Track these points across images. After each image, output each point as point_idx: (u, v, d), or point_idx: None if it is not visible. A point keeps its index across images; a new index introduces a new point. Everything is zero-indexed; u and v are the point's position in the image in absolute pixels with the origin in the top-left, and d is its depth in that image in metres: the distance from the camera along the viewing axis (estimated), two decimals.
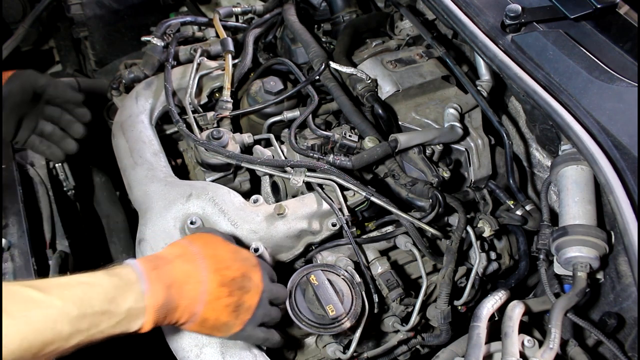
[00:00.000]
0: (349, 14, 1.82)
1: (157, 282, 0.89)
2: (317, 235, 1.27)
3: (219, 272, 0.97)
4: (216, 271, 0.97)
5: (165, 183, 1.30)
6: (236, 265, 1.00)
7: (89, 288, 0.82)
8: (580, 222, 1.21)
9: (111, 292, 0.83)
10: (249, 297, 1.00)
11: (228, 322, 0.98)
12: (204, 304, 0.94)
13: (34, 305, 0.75)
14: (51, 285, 0.79)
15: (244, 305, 0.99)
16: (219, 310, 0.95)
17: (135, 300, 0.86)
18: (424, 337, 1.37)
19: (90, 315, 0.79)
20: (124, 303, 0.84)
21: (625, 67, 1.28)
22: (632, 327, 1.22)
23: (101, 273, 0.86)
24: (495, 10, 1.42)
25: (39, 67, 2.43)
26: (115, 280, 0.85)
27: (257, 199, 1.27)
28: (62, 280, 0.82)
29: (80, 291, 0.80)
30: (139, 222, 1.26)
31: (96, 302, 0.81)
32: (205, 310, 0.94)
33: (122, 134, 1.45)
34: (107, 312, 0.82)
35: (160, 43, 1.64)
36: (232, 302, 0.97)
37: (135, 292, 0.86)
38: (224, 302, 0.96)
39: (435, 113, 1.52)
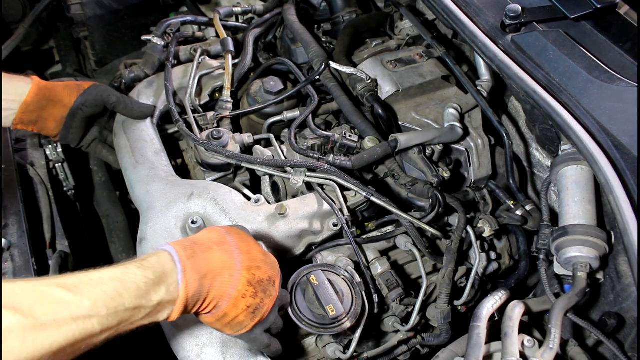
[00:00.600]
0: (349, 14, 1.82)
1: (193, 272, 0.88)
2: (318, 235, 1.27)
3: (250, 270, 0.96)
4: (248, 269, 0.96)
5: (167, 182, 1.30)
6: (265, 268, 0.99)
7: (120, 285, 0.79)
8: (580, 222, 1.21)
9: (143, 288, 0.81)
10: (269, 301, 0.99)
11: (243, 322, 0.97)
12: (229, 299, 0.93)
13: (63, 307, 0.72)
14: (82, 283, 0.77)
15: (262, 308, 0.98)
16: (240, 308, 0.95)
17: (167, 292, 0.84)
18: (424, 337, 1.37)
19: (121, 312, 0.78)
20: (157, 296, 0.83)
21: (625, 67, 1.28)
22: (632, 327, 1.22)
23: (134, 266, 0.84)
24: (495, 10, 1.42)
25: (39, 67, 2.43)
26: (148, 273, 0.83)
27: (258, 198, 1.27)
28: (94, 277, 0.79)
29: (112, 289, 0.78)
30: (140, 221, 1.26)
31: (128, 299, 0.79)
32: (229, 306, 0.93)
33: (123, 133, 1.45)
34: (138, 306, 0.80)
35: (160, 42, 1.65)
36: (254, 304, 0.96)
37: (168, 283, 0.85)
38: (247, 301, 0.95)
39: (435, 113, 1.52)
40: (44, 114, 1.30)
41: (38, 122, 1.31)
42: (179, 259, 0.88)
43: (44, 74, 2.47)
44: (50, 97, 1.30)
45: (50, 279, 0.75)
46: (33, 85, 1.27)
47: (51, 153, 1.69)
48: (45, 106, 1.30)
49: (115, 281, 0.79)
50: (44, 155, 1.66)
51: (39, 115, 1.30)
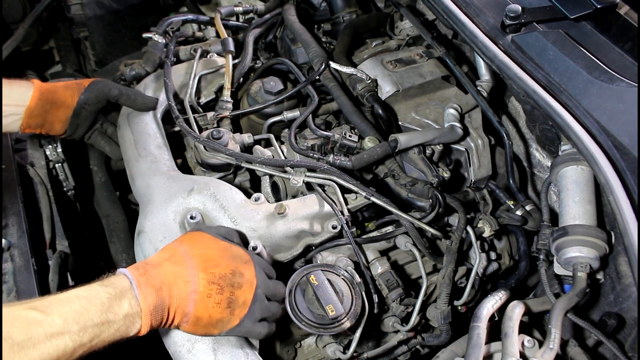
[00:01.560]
0: (349, 14, 1.82)
1: (147, 286, 0.93)
2: (316, 236, 1.27)
3: (206, 270, 0.99)
4: (204, 269, 0.98)
5: (168, 176, 1.31)
6: (225, 262, 1.01)
7: (86, 302, 0.85)
8: (580, 222, 1.21)
9: (107, 303, 0.87)
10: (242, 292, 1.00)
11: (223, 319, 0.99)
12: (195, 303, 0.96)
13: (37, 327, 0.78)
14: (51, 303, 0.83)
15: (238, 301, 1.00)
16: (211, 307, 0.97)
17: (130, 305, 0.90)
18: (424, 337, 1.37)
19: (90, 327, 0.84)
20: (120, 310, 0.88)
21: (625, 67, 1.28)
22: (632, 327, 1.22)
23: (97, 285, 0.90)
24: (495, 10, 1.42)
25: (39, 67, 2.43)
26: (110, 290, 0.89)
27: (258, 197, 1.27)
28: (61, 297, 0.85)
29: (79, 306, 0.84)
30: (139, 214, 1.26)
31: (95, 314, 0.85)
32: (197, 309, 0.96)
33: (127, 126, 1.46)
34: (106, 321, 0.86)
35: (161, 40, 1.65)
36: (224, 299, 0.98)
37: (129, 297, 0.90)
38: (215, 299, 0.97)
39: (435, 113, 1.52)
40: (49, 117, 1.34)
41: (45, 125, 1.35)
42: (132, 276, 0.93)
43: (44, 74, 2.47)
44: (52, 99, 1.33)
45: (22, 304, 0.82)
46: (35, 89, 1.31)
47: (51, 153, 1.69)
48: (49, 109, 1.33)
49: (81, 299, 0.86)
50: (44, 155, 1.67)
51: (44, 118, 1.33)
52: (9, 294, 1.20)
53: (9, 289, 1.21)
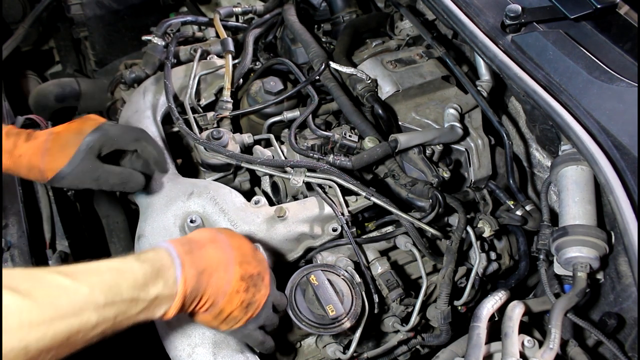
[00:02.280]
0: (349, 14, 1.82)
1: (191, 267, 0.88)
2: (317, 239, 1.27)
3: (242, 265, 0.97)
4: (240, 264, 0.97)
5: (168, 180, 1.30)
6: (255, 263, 1.00)
7: (118, 275, 0.79)
8: (580, 222, 1.21)
9: (141, 279, 0.81)
10: (260, 296, 1.00)
11: (237, 317, 0.98)
12: (225, 295, 0.93)
13: (60, 292, 0.72)
14: (80, 271, 0.76)
15: (254, 303, 0.99)
16: (235, 303, 0.95)
17: (165, 285, 0.84)
18: (424, 337, 1.37)
19: (118, 303, 0.77)
20: (154, 289, 0.82)
21: (625, 67, 1.28)
22: (632, 327, 1.22)
23: (132, 258, 0.84)
24: (495, 10, 1.42)
25: (39, 67, 2.43)
26: (146, 266, 0.83)
27: (258, 200, 1.27)
28: (92, 266, 0.79)
29: (109, 278, 0.77)
30: (140, 218, 1.26)
31: (125, 289, 0.78)
32: (225, 302, 0.94)
33: None
34: (135, 299, 0.79)
35: (161, 42, 1.65)
36: (247, 299, 0.97)
37: (166, 277, 0.84)
38: (241, 296, 0.96)
39: (435, 113, 1.52)
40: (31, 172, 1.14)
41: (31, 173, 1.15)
42: (176, 253, 0.88)
43: (44, 74, 2.47)
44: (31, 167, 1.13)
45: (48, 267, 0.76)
46: None
47: None
48: None
49: (113, 271, 0.79)
50: None
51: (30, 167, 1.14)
52: None
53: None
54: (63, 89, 2.06)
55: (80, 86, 2.08)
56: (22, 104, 2.06)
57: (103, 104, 1.84)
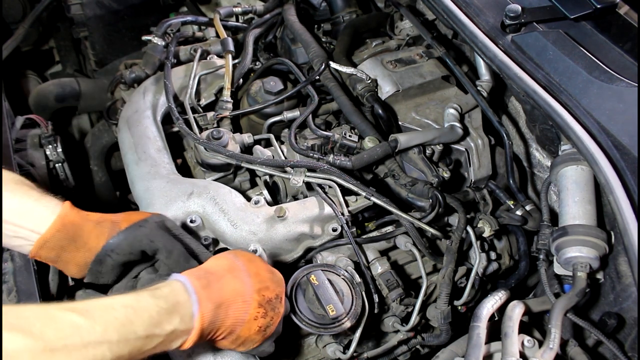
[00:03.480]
0: (349, 14, 1.82)
1: (208, 302, 0.87)
2: (317, 239, 1.27)
3: (260, 292, 0.96)
4: (258, 291, 0.96)
5: (168, 180, 1.30)
6: (273, 286, 1.00)
7: (133, 313, 0.77)
8: (580, 222, 1.21)
9: (156, 317, 0.79)
10: (277, 318, 1.00)
11: (254, 339, 0.98)
12: (243, 324, 0.93)
13: (74, 331, 0.70)
14: (93, 308, 0.75)
15: (272, 326, 0.99)
16: (253, 329, 0.95)
17: (181, 321, 0.83)
18: (424, 337, 1.37)
19: (132, 340, 0.76)
20: (169, 325, 0.81)
21: (625, 67, 1.28)
22: (632, 327, 1.22)
23: (147, 294, 0.82)
24: (495, 10, 1.42)
25: (39, 67, 2.43)
26: (161, 303, 0.81)
27: (258, 200, 1.27)
28: (105, 303, 0.77)
29: (124, 316, 0.76)
30: None
31: (140, 327, 0.77)
32: (243, 330, 0.94)
33: (127, 129, 1.45)
34: (150, 335, 0.78)
35: (161, 42, 1.65)
36: (265, 323, 0.97)
37: (182, 313, 0.83)
38: (259, 322, 0.95)
39: (435, 113, 1.52)
40: (65, 255, 1.01)
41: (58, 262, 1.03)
42: (193, 289, 0.87)
43: (44, 74, 2.47)
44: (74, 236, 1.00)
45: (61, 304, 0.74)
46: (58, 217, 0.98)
47: (51, 153, 1.69)
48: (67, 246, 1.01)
49: (127, 308, 0.78)
50: (44, 155, 1.66)
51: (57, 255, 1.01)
52: (9, 293, 1.20)
53: (9, 289, 1.21)
54: (63, 89, 2.06)
55: (80, 86, 2.08)
56: (22, 104, 2.06)
57: (103, 104, 1.84)
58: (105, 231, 1.02)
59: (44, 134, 1.67)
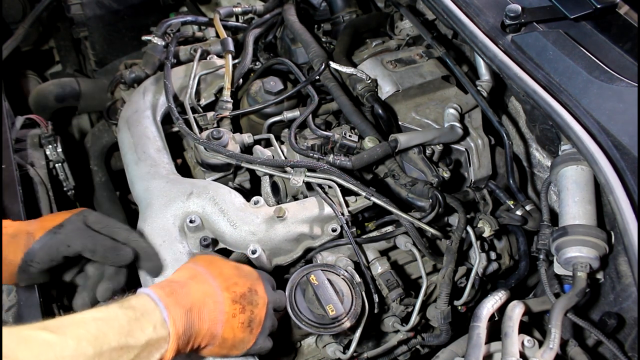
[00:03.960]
0: (349, 14, 1.82)
1: (177, 307, 0.87)
2: (316, 239, 1.27)
3: (229, 289, 0.97)
4: (227, 289, 0.96)
5: (167, 180, 1.30)
6: (242, 281, 1.00)
7: (103, 324, 0.78)
8: (580, 222, 1.21)
9: (126, 326, 0.80)
10: (259, 310, 1.00)
11: (244, 339, 0.98)
12: (222, 324, 0.93)
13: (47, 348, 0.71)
14: (65, 324, 0.76)
15: (256, 319, 0.99)
16: (236, 327, 0.95)
17: (154, 329, 0.83)
18: (424, 337, 1.37)
19: (107, 352, 0.76)
20: (143, 335, 0.81)
21: (625, 67, 1.28)
22: (632, 327, 1.22)
23: (115, 306, 0.83)
24: (495, 10, 1.42)
25: (39, 67, 2.43)
26: (129, 312, 0.82)
27: (257, 200, 1.27)
28: (76, 318, 0.79)
29: (95, 328, 0.77)
30: (139, 218, 1.26)
31: (112, 337, 0.77)
32: (225, 330, 0.94)
33: (127, 129, 1.45)
34: (124, 346, 0.79)
35: (160, 42, 1.65)
36: (246, 318, 0.97)
37: (154, 321, 0.84)
38: (239, 319, 0.96)
39: (435, 113, 1.52)
40: None
41: None
42: (158, 297, 0.87)
43: (44, 74, 2.47)
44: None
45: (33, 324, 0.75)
46: None
47: (51, 153, 1.69)
48: None
49: (97, 320, 0.79)
50: (44, 155, 1.66)
51: None
52: (9, 294, 1.20)
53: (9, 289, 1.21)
54: (63, 89, 2.06)
55: (80, 86, 2.08)
56: (22, 104, 2.06)
57: (103, 104, 1.84)
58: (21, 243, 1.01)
59: (44, 134, 1.67)
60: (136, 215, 1.31)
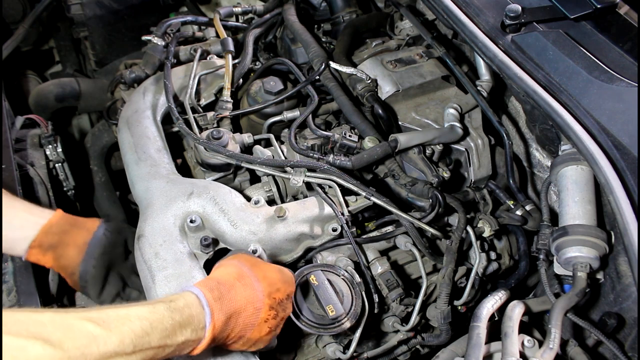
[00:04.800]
0: (349, 14, 1.82)
1: (220, 313, 0.89)
2: (316, 239, 1.27)
3: (270, 295, 0.97)
4: (269, 295, 0.97)
5: (168, 180, 1.30)
6: (284, 287, 1.01)
7: (148, 325, 0.80)
8: (580, 222, 1.21)
9: (170, 329, 0.82)
10: (286, 314, 1.01)
11: (265, 340, 0.99)
12: (253, 328, 0.95)
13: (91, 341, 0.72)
14: (110, 318, 0.77)
15: (281, 324, 1.01)
16: (264, 331, 0.97)
17: (193, 332, 0.85)
18: (424, 337, 1.37)
19: (146, 351, 0.78)
20: (182, 337, 0.83)
21: (625, 67, 1.28)
22: (632, 327, 1.22)
23: (162, 307, 0.84)
24: (495, 10, 1.42)
25: (39, 67, 2.43)
26: (176, 316, 0.84)
27: (258, 200, 1.27)
28: (121, 313, 0.79)
29: (139, 328, 0.78)
30: (139, 218, 1.26)
31: (154, 338, 0.79)
32: (253, 333, 0.95)
33: (127, 129, 1.45)
34: (163, 345, 0.81)
35: (161, 42, 1.65)
36: (275, 324, 0.98)
37: (195, 325, 0.86)
38: (269, 324, 0.97)
39: (435, 113, 1.52)
40: (66, 237, 1.16)
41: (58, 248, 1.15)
42: (206, 302, 0.89)
43: (44, 74, 2.47)
44: (73, 222, 1.19)
45: (78, 312, 0.76)
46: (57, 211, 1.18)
47: (51, 153, 1.69)
48: (69, 230, 1.17)
49: (143, 320, 0.80)
50: (44, 155, 1.66)
51: (60, 238, 1.15)
52: (9, 293, 1.20)
53: (9, 289, 1.21)
54: (63, 89, 2.06)
55: (80, 86, 2.08)
56: (22, 104, 2.06)
57: (103, 104, 1.84)
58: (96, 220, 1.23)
59: (44, 134, 1.67)
60: (136, 215, 1.30)
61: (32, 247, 1.12)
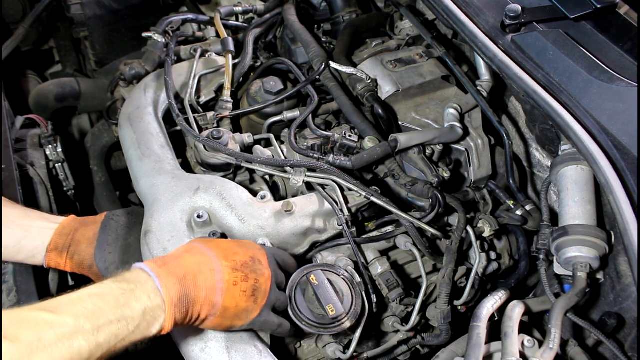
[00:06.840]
0: (349, 14, 1.82)
1: (169, 276, 0.88)
2: (322, 234, 1.27)
3: (228, 258, 0.96)
4: (226, 257, 0.96)
5: (173, 176, 1.30)
6: (242, 250, 1.00)
7: (99, 299, 0.80)
8: (580, 222, 1.21)
9: (121, 298, 0.81)
10: (264, 280, 0.99)
11: (247, 308, 0.97)
12: (222, 292, 0.92)
13: (46, 327, 0.73)
14: (62, 304, 0.78)
15: (261, 289, 0.98)
16: (238, 296, 0.94)
17: (149, 298, 0.84)
18: (424, 337, 1.37)
19: (105, 326, 0.78)
20: (138, 304, 0.82)
21: (625, 67, 1.28)
22: (632, 327, 1.22)
23: (109, 281, 0.85)
24: (495, 10, 1.42)
25: (39, 67, 2.43)
26: (123, 285, 0.84)
27: (264, 195, 1.27)
28: (73, 297, 0.80)
29: (91, 304, 0.78)
30: (145, 214, 1.25)
31: (109, 311, 0.79)
32: (225, 299, 0.93)
33: (129, 125, 1.45)
34: (122, 318, 0.80)
35: (161, 39, 1.65)
36: (249, 287, 0.96)
37: (148, 290, 0.85)
38: (241, 287, 0.95)
39: (435, 113, 1.52)
40: (77, 235, 1.21)
41: (71, 246, 1.20)
42: (149, 268, 0.89)
43: (44, 74, 2.47)
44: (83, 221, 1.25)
45: (32, 305, 0.77)
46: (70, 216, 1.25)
47: (51, 153, 1.69)
48: (79, 228, 1.22)
49: (93, 296, 0.80)
50: (44, 155, 1.66)
51: (72, 237, 1.20)
52: (9, 293, 1.20)
53: (9, 289, 1.21)
54: (63, 89, 2.06)
55: (80, 86, 2.08)
56: (22, 104, 2.06)
57: (103, 104, 1.84)
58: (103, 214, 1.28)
59: (44, 134, 1.67)
60: None
61: (49, 251, 1.17)
